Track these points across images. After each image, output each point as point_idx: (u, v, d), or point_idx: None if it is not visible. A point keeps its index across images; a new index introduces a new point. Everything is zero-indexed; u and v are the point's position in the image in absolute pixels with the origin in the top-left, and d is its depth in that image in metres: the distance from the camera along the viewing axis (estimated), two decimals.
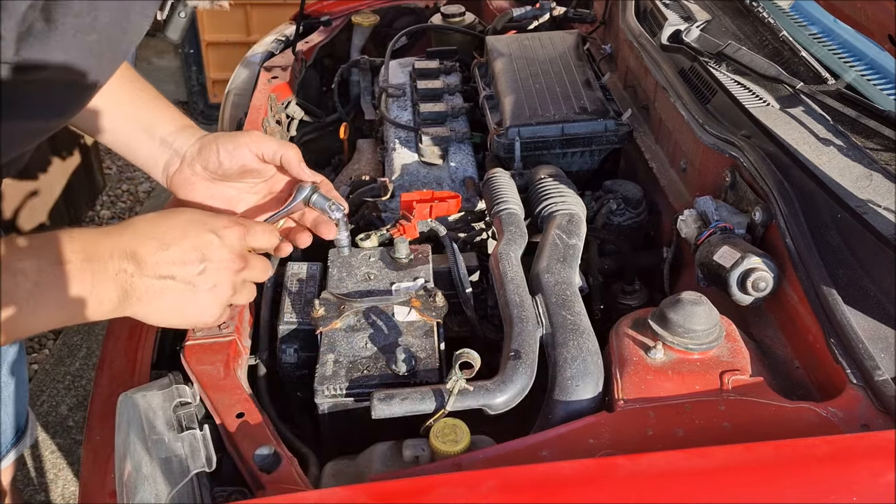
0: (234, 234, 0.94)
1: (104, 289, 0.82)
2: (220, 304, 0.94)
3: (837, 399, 0.99)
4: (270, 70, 2.16)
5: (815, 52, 1.69)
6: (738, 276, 1.17)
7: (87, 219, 3.47)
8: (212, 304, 0.92)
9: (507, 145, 1.65)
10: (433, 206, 1.49)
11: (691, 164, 1.52)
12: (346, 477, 1.03)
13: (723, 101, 1.48)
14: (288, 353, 1.25)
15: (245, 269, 0.96)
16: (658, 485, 0.86)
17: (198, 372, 1.11)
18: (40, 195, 3.06)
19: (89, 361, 2.83)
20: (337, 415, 1.13)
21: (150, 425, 1.01)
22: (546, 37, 2.07)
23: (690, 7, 1.86)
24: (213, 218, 0.94)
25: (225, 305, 0.96)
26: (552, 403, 1.05)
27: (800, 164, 1.26)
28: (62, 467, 2.48)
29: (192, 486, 0.96)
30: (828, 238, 1.16)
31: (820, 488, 0.86)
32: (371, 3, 2.57)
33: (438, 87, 1.95)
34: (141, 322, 0.90)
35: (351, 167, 1.94)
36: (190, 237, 0.89)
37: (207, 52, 4.38)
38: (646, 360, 1.07)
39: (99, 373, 1.34)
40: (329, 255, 1.37)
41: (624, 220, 1.57)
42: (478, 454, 0.96)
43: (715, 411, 0.99)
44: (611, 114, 1.71)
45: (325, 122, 2.20)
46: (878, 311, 1.06)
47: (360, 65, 2.31)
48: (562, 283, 1.21)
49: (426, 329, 1.20)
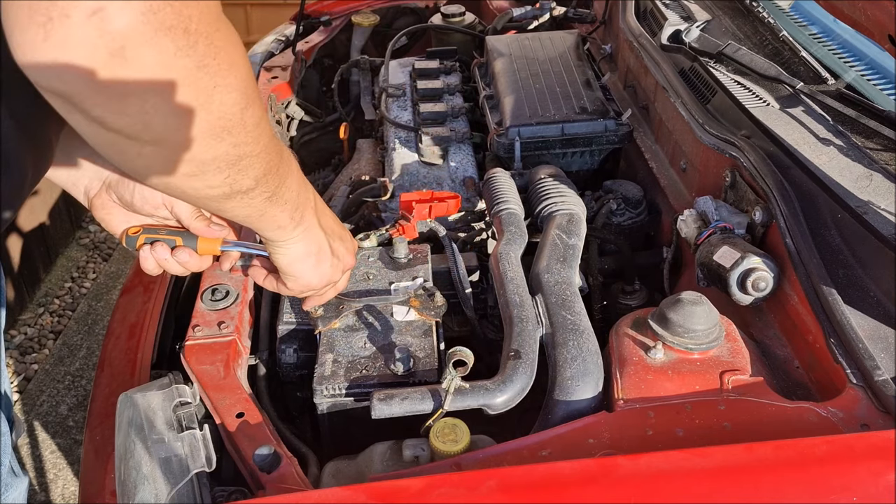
0: (356, 246, 1.11)
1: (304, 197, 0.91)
2: (330, 278, 1.03)
3: (837, 399, 0.99)
4: (270, 70, 2.16)
5: (815, 52, 1.69)
6: (738, 276, 1.17)
7: (87, 219, 3.47)
8: (327, 272, 1.01)
9: (507, 145, 1.65)
10: (433, 206, 1.49)
11: (691, 164, 1.52)
12: (346, 477, 1.03)
13: (723, 101, 1.48)
14: (287, 353, 1.25)
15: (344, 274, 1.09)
16: (658, 485, 0.86)
17: (198, 372, 1.11)
18: (40, 195, 3.07)
19: (89, 361, 2.83)
20: (336, 414, 1.14)
21: (150, 425, 1.01)
22: (546, 37, 2.07)
23: (690, 7, 1.86)
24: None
25: (332, 282, 1.05)
26: (552, 403, 1.05)
27: (800, 164, 1.26)
28: (62, 467, 2.48)
29: (192, 486, 0.96)
30: (828, 238, 1.16)
31: (820, 488, 0.86)
32: (371, 3, 2.57)
33: (438, 87, 1.95)
34: (141, 322, 0.91)
35: (351, 167, 1.95)
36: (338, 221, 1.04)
37: None
38: (646, 360, 1.07)
39: (99, 373, 1.34)
40: None
41: (624, 220, 1.57)
42: (478, 454, 0.96)
43: (715, 411, 0.99)
44: (611, 114, 1.71)
45: (325, 122, 2.20)
46: (878, 311, 1.06)
47: (360, 65, 2.31)
48: (562, 283, 1.21)
49: (425, 329, 1.20)
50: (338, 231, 1.02)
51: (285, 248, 0.94)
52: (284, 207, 0.87)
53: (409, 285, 1.28)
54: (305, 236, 0.94)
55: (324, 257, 0.99)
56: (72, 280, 3.18)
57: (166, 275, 1.51)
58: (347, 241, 1.05)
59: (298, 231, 0.93)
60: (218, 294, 1.25)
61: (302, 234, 0.94)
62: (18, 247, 2.92)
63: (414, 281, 1.30)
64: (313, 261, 0.98)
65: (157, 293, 1.48)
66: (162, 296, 1.44)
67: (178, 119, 0.67)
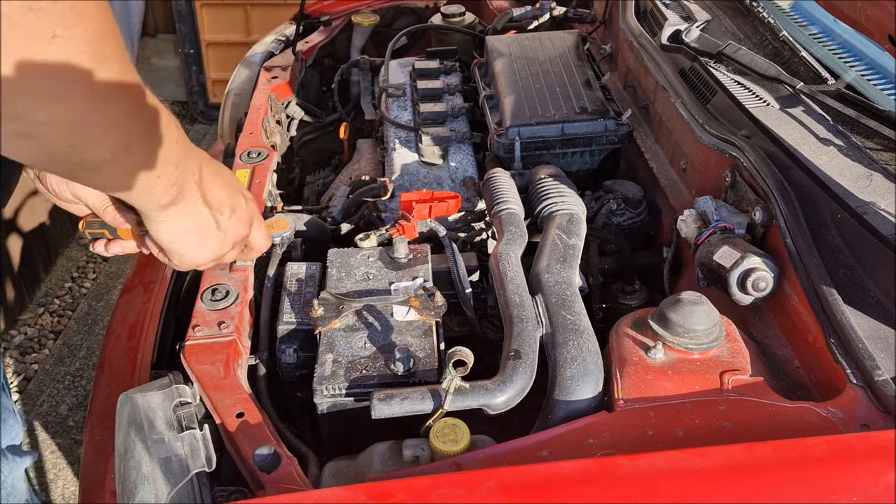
0: (255, 207, 1.02)
1: (183, 171, 0.83)
2: (217, 254, 0.97)
3: (837, 399, 0.99)
4: (270, 70, 2.16)
5: (815, 52, 1.69)
6: (738, 276, 1.17)
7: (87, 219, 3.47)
8: (214, 249, 0.95)
9: (507, 145, 1.65)
10: (433, 207, 1.49)
11: (691, 164, 1.52)
12: (346, 477, 1.03)
13: (723, 101, 1.48)
14: (287, 353, 1.25)
15: (248, 237, 1.02)
16: (658, 485, 0.86)
17: (198, 372, 1.11)
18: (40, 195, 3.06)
19: (89, 361, 2.83)
20: (336, 414, 1.14)
21: (150, 425, 1.01)
22: (546, 37, 2.07)
23: (690, 7, 1.86)
24: (243, 188, 1.01)
25: (219, 256, 0.98)
26: (552, 403, 1.05)
27: (800, 164, 1.26)
28: (62, 467, 2.48)
29: (192, 486, 0.96)
30: (828, 238, 1.16)
31: (820, 488, 0.86)
32: (371, 3, 2.57)
33: (438, 87, 1.95)
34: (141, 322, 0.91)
35: (351, 167, 1.95)
36: (233, 188, 0.96)
37: (207, 52, 4.38)
38: (646, 360, 1.07)
39: (99, 373, 1.34)
40: (328, 255, 1.37)
41: (624, 220, 1.57)
42: (478, 454, 0.96)
43: (715, 411, 0.99)
44: (611, 114, 1.71)
45: (325, 122, 2.20)
46: (878, 311, 1.06)
47: (360, 65, 2.31)
48: (562, 283, 1.21)
49: (425, 329, 1.20)
50: (227, 201, 0.94)
51: (163, 225, 0.87)
52: (157, 182, 0.79)
53: (409, 285, 1.28)
54: (185, 213, 0.87)
55: (207, 234, 0.92)
56: (72, 280, 3.18)
57: (166, 275, 1.51)
58: (240, 209, 0.97)
59: (176, 208, 0.85)
60: (218, 294, 1.25)
61: (180, 211, 0.86)
62: (18, 247, 2.92)
63: (414, 281, 1.30)
64: (195, 239, 0.91)
65: (157, 293, 1.48)
66: (162, 296, 1.44)
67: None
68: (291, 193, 2.00)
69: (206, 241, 0.93)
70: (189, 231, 0.90)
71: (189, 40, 4.36)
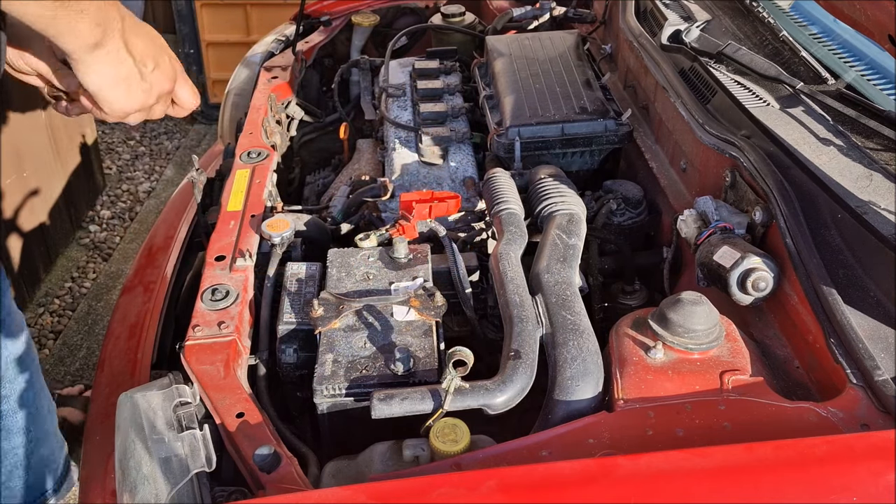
0: (179, 65, 1.11)
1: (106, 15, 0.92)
2: (143, 103, 1.05)
3: (837, 399, 0.99)
4: (270, 70, 2.16)
5: (815, 52, 1.69)
6: (738, 276, 1.17)
7: (87, 219, 3.47)
8: (139, 98, 1.03)
9: (507, 145, 1.66)
10: (433, 207, 1.49)
11: (691, 164, 1.52)
12: (346, 477, 1.03)
13: (723, 101, 1.48)
14: (287, 353, 1.25)
15: (172, 93, 1.11)
16: (658, 485, 0.86)
17: (198, 372, 1.11)
18: (40, 195, 3.06)
19: (89, 361, 2.83)
20: (336, 414, 1.14)
21: (150, 425, 1.01)
22: (546, 37, 2.07)
23: (690, 7, 1.86)
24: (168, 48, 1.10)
25: (145, 107, 1.06)
26: (552, 403, 1.05)
27: (800, 164, 1.26)
28: None
29: (192, 486, 0.96)
30: (828, 238, 1.16)
31: (820, 488, 0.86)
32: (371, 3, 2.57)
33: (438, 87, 1.95)
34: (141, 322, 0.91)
35: (351, 167, 1.95)
36: (156, 45, 1.05)
37: (207, 52, 4.38)
38: (646, 359, 1.07)
39: (99, 373, 1.34)
40: (328, 255, 1.37)
41: (624, 220, 1.57)
42: (478, 454, 0.96)
43: (715, 411, 0.99)
44: (611, 114, 1.71)
45: (325, 122, 2.20)
46: (878, 311, 1.06)
47: (360, 65, 2.31)
48: (562, 283, 1.22)
49: (425, 328, 1.20)
50: (150, 54, 1.03)
51: (92, 70, 0.95)
52: (81, 17, 0.88)
53: (409, 285, 1.28)
54: (110, 59, 0.96)
55: (133, 83, 1.01)
56: (72, 280, 3.18)
57: (166, 275, 1.51)
58: (164, 65, 1.06)
59: (101, 52, 0.94)
60: (218, 294, 1.25)
61: (105, 56, 0.95)
62: (18, 247, 2.92)
63: (414, 281, 1.30)
64: (123, 88, 1.00)
65: (157, 293, 1.48)
66: (162, 296, 1.44)
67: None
68: (291, 193, 2.00)
69: (131, 90, 1.01)
70: (117, 80, 0.98)
71: (189, 40, 4.36)
